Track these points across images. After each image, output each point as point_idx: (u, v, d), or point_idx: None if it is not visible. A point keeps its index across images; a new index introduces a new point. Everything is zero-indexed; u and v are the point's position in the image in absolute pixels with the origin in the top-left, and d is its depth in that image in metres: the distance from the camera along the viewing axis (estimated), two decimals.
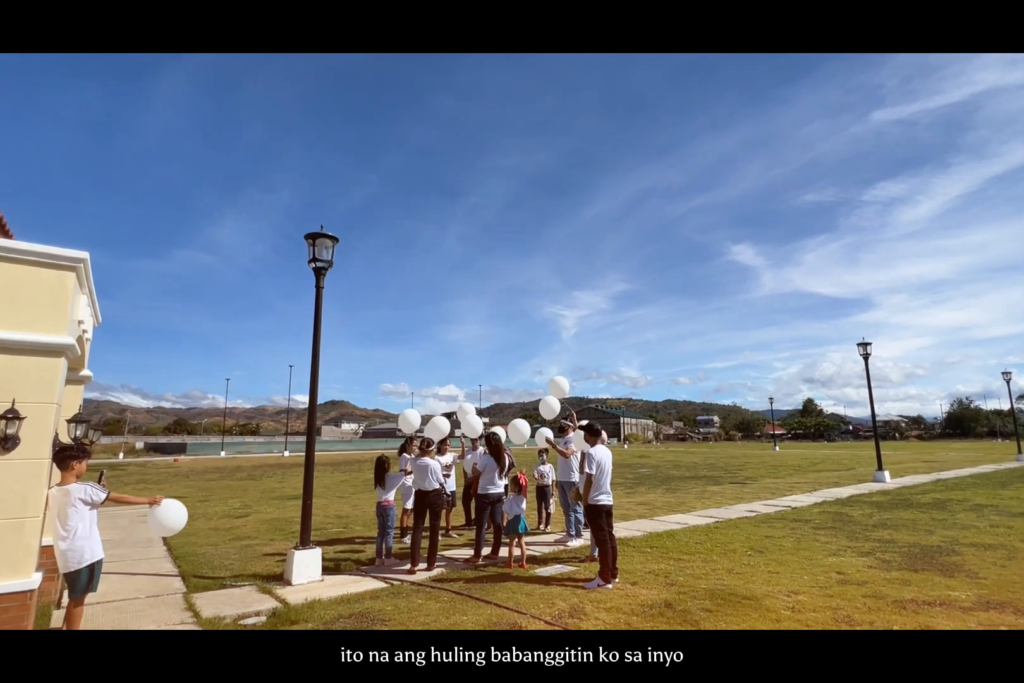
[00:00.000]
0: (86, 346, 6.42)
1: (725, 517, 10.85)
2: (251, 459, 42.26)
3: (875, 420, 20.95)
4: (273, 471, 27.40)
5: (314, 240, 7.24)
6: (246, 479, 22.80)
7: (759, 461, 32.17)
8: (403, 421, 9.41)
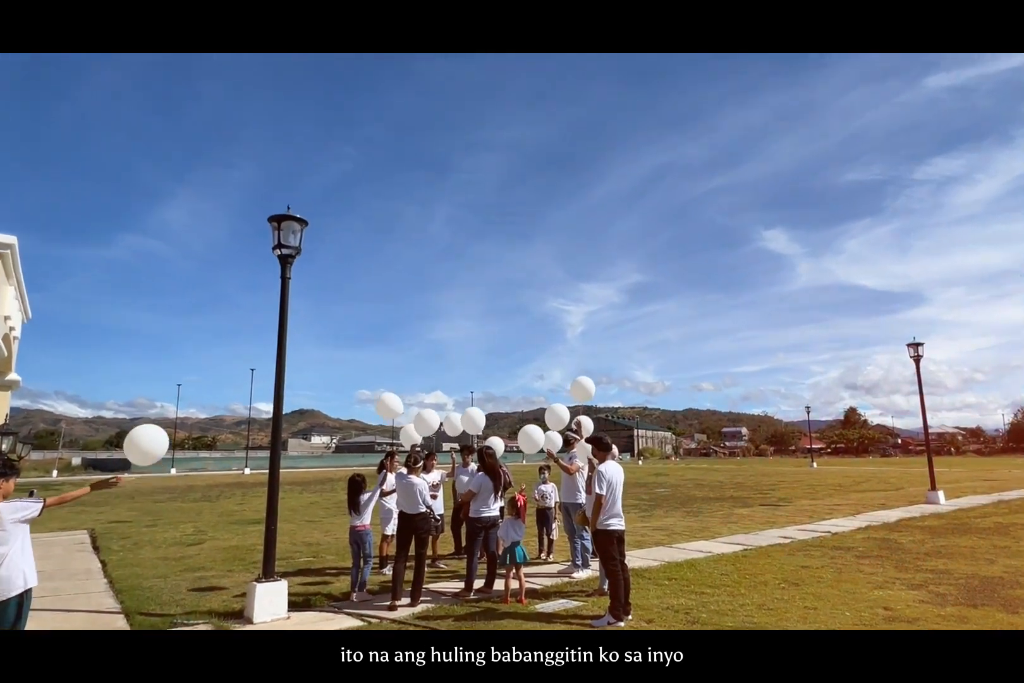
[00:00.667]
0: (13, 345, 6.39)
1: (755, 544, 10.87)
2: (206, 477, 42.22)
3: (927, 432, 21.00)
4: (232, 491, 27.36)
5: (279, 223, 7.21)
6: (200, 500, 22.77)
7: (794, 480, 32.24)
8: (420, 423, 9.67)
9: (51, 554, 10.90)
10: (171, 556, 10.64)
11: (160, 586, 8.21)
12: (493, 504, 7.78)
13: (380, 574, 8.78)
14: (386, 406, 9.83)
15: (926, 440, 21.29)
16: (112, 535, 13.27)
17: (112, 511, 18.94)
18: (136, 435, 6.14)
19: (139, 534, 13.47)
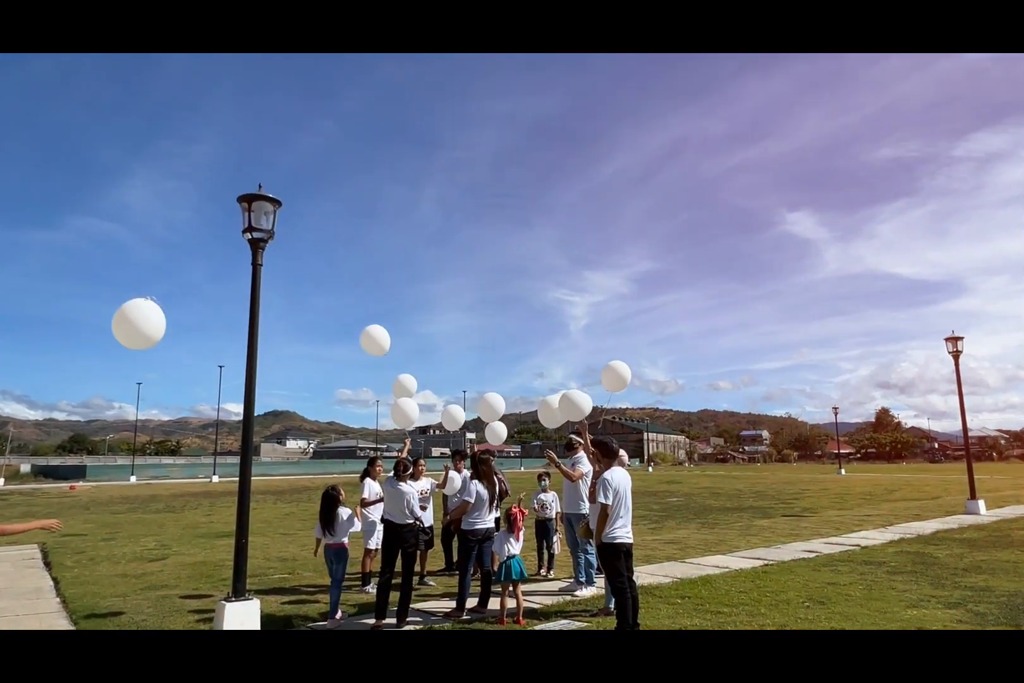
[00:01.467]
0: None
1: (777, 559, 10.91)
2: (170, 486, 42.22)
3: (967, 436, 21.06)
4: (198, 501, 27.39)
5: (250, 204, 7.17)
6: (164, 511, 22.80)
7: (820, 488, 32.37)
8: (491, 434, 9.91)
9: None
10: (131, 573, 10.65)
11: (119, 606, 8.22)
12: (488, 515, 7.78)
13: (362, 592, 8.80)
14: (402, 412, 9.89)
15: (966, 444, 21.35)
16: (65, 550, 13.26)
17: (65, 523, 18.82)
18: (129, 310, 5.84)
19: (95, 549, 13.47)
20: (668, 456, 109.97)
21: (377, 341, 10.07)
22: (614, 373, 9.01)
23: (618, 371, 8.98)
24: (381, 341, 10.16)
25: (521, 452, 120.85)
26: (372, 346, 10.08)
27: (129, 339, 6.13)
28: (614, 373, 9.01)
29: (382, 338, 10.11)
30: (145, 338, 5.92)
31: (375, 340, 10.02)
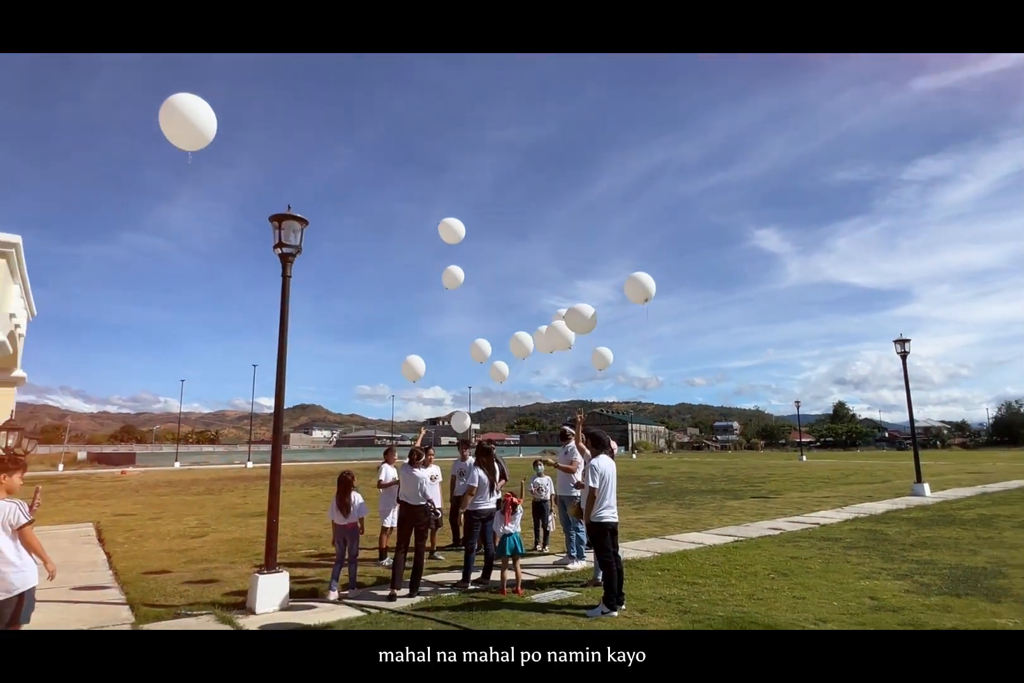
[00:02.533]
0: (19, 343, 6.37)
1: (745, 536, 10.91)
2: (209, 471, 42.20)
3: (914, 427, 21.08)
4: (235, 484, 27.35)
5: (280, 223, 7.19)
6: (204, 494, 22.75)
7: (784, 472, 32.36)
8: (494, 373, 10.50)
9: (57, 546, 10.87)
10: (175, 548, 10.64)
11: (164, 578, 8.21)
12: (490, 497, 7.79)
13: (380, 566, 8.80)
14: (411, 368, 10.30)
15: (912, 434, 21.37)
16: (117, 528, 13.26)
17: (117, 504, 18.91)
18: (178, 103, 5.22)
19: (143, 527, 13.46)
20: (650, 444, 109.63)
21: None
22: (638, 284, 8.20)
23: (642, 282, 8.18)
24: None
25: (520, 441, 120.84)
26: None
27: (182, 138, 5.48)
28: (638, 284, 8.20)
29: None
30: (200, 136, 5.26)
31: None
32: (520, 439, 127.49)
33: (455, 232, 9.90)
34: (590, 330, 8.87)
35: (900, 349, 20.33)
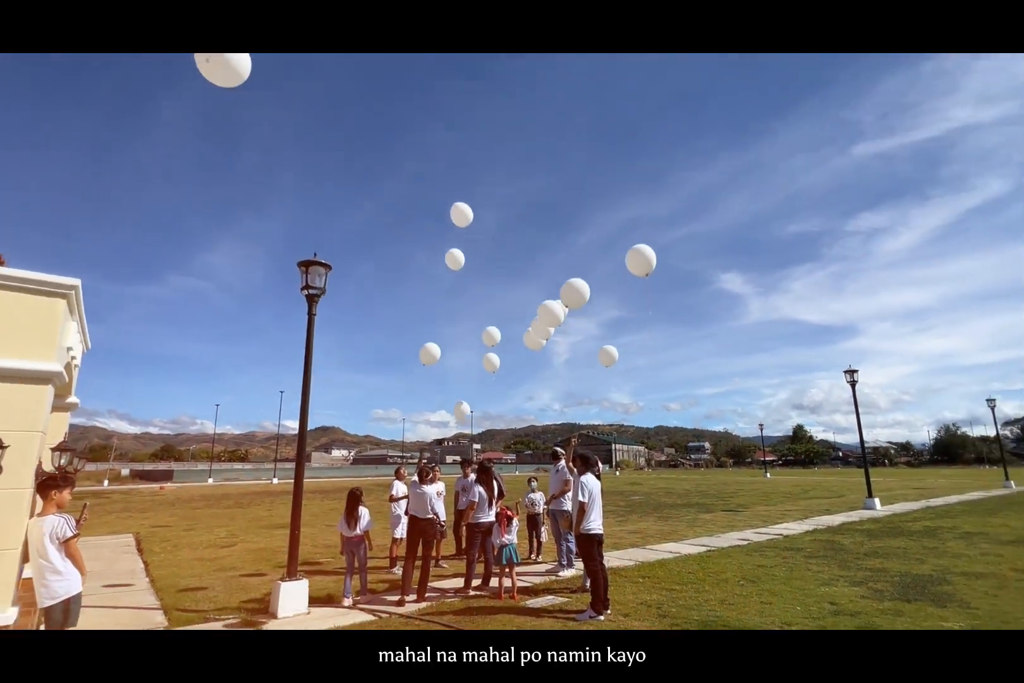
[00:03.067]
0: (74, 372, 6.35)
1: (717, 546, 10.72)
2: (239, 486, 41.54)
3: (864, 447, 20.96)
4: (261, 499, 26.90)
5: (307, 267, 7.25)
6: (233, 507, 22.35)
7: (751, 488, 31.97)
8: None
9: (100, 556, 10.64)
10: (206, 557, 10.41)
11: (195, 584, 8.02)
12: (489, 511, 7.68)
13: (390, 574, 8.61)
14: (428, 353, 10.28)
15: (863, 454, 21.22)
16: (154, 538, 12.99)
17: (155, 517, 18.56)
18: None
19: (178, 537, 13.19)
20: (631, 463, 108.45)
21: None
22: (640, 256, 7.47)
23: (644, 254, 7.44)
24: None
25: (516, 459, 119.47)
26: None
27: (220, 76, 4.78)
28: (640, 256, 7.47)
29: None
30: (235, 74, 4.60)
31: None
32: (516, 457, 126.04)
33: (464, 215, 9.64)
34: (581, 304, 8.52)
35: (849, 378, 20.41)
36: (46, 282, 4.37)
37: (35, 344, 4.27)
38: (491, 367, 10.85)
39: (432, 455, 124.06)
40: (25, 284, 4.29)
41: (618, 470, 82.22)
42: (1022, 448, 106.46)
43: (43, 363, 4.25)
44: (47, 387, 4.36)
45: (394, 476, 9.27)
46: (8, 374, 4.10)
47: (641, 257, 7.43)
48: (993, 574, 7.92)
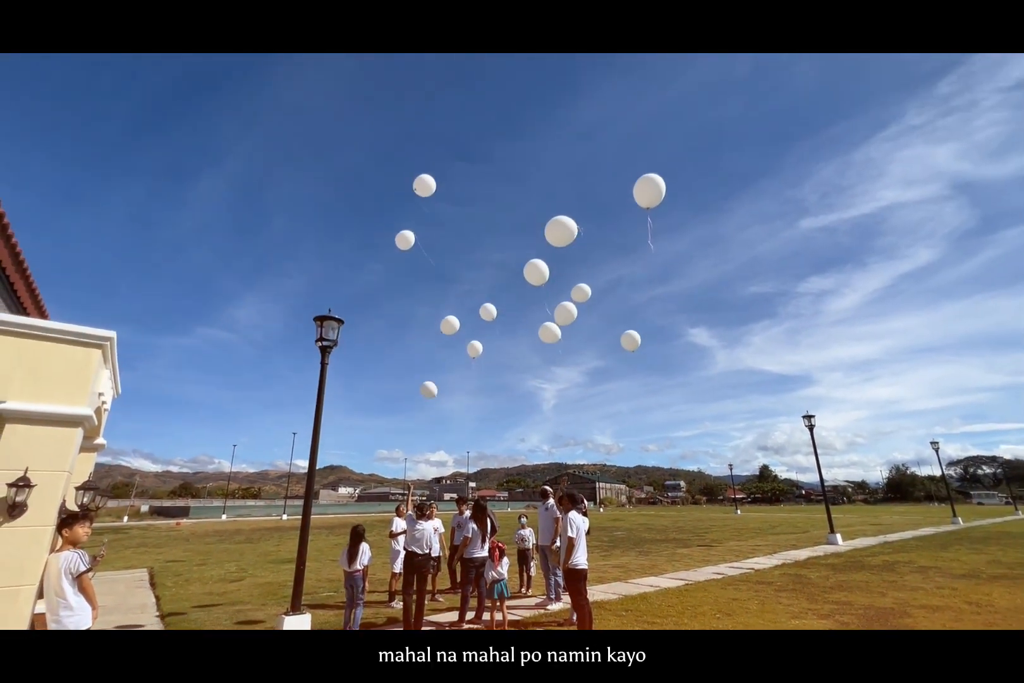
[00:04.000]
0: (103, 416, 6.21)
1: (694, 580, 10.30)
2: (251, 522, 39.99)
3: (824, 487, 20.60)
4: (271, 534, 25.85)
5: (322, 322, 7.27)
6: (244, 542, 21.42)
7: (723, 524, 31.12)
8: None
9: (114, 590, 10.07)
10: (215, 591, 9.87)
11: (203, 618, 7.56)
12: (483, 547, 7.39)
13: (389, 607, 8.18)
14: (427, 390, 10.38)
15: (823, 493, 20.83)
16: (168, 573, 12.35)
17: (170, 552, 17.73)
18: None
19: (190, 572, 12.55)
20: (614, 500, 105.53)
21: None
22: (650, 184, 6.45)
23: (656, 182, 6.40)
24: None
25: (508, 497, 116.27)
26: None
27: None
28: (650, 184, 6.45)
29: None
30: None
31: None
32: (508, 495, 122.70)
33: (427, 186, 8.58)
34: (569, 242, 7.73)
35: (807, 423, 20.30)
36: (84, 334, 4.34)
37: (70, 390, 4.19)
38: (474, 352, 10.72)
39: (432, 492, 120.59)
40: (65, 335, 4.26)
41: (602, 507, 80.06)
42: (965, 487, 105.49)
43: (75, 408, 4.15)
44: (77, 430, 4.24)
45: (395, 513, 8.95)
46: (43, 418, 4.01)
47: (650, 185, 6.38)
48: (949, 607, 7.62)
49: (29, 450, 3.92)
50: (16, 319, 4.13)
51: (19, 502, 3.74)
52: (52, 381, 4.14)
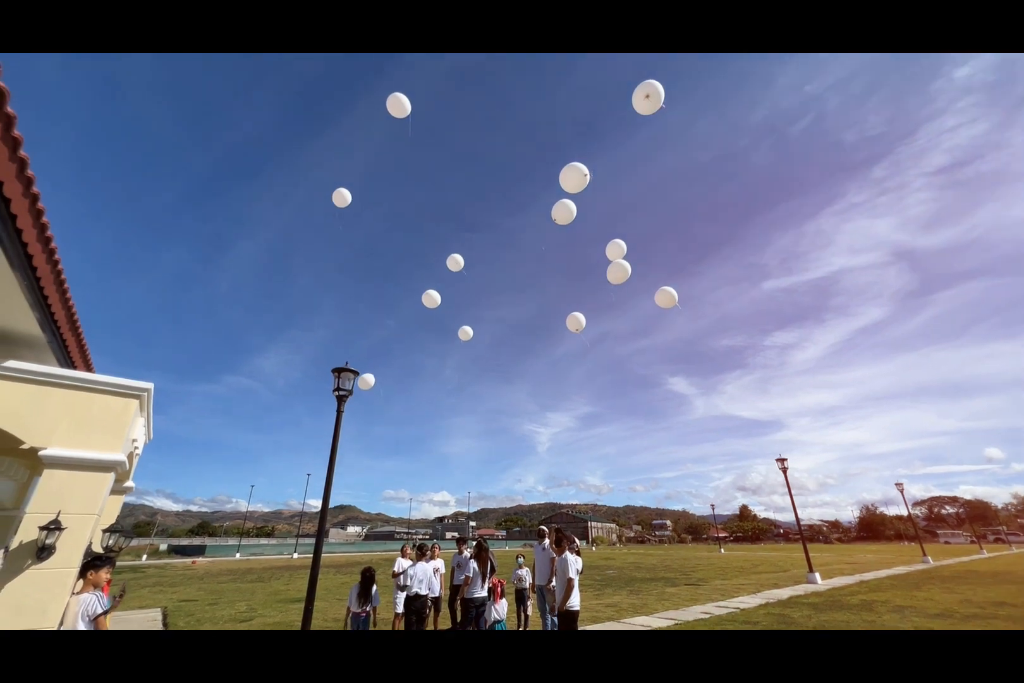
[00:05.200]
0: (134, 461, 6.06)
1: (683, 619, 9.70)
2: (263, 561, 38.02)
3: (800, 527, 19.87)
4: (281, 573, 24.51)
5: (339, 373, 7.25)
6: (255, 581, 20.26)
7: (708, 563, 29.69)
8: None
9: None
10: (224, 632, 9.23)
11: None
12: (482, 587, 7.01)
13: None
14: (431, 298, 9.89)
15: (800, 533, 20.03)
16: (180, 613, 11.60)
17: (184, 591, 16.73)
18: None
19: (202, 612, 11.80)
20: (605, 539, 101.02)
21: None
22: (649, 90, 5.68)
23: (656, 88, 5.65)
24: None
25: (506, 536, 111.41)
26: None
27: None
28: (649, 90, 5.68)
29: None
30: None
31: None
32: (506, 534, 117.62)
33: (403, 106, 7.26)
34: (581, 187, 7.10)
35: (780, 465, 19.87)
36: (125, 386, 4.32)
37: (107, 437, 4.12)
38: (465, 336, 10.50)
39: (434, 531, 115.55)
40: (108, 387, 4.23)
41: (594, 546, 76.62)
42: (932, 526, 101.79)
43: (110, 454, 4.07)
44: (110, 474, 4.13)
45: (400, 553, 8.54)
46: (78, 463, 3.91)
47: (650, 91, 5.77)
48: None
49: (63, 494, 3.80)
50: (65, 372, 4.11)
51: (48, 545, 3.57)
52: (91, 429, 4.07)
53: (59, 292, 3.64)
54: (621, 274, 8.18)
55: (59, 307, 3.74)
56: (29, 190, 2.90)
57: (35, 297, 3.47)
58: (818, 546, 66.32)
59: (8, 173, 2.69)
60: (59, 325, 3.88)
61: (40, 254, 3.19)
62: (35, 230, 3.08)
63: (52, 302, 3.61)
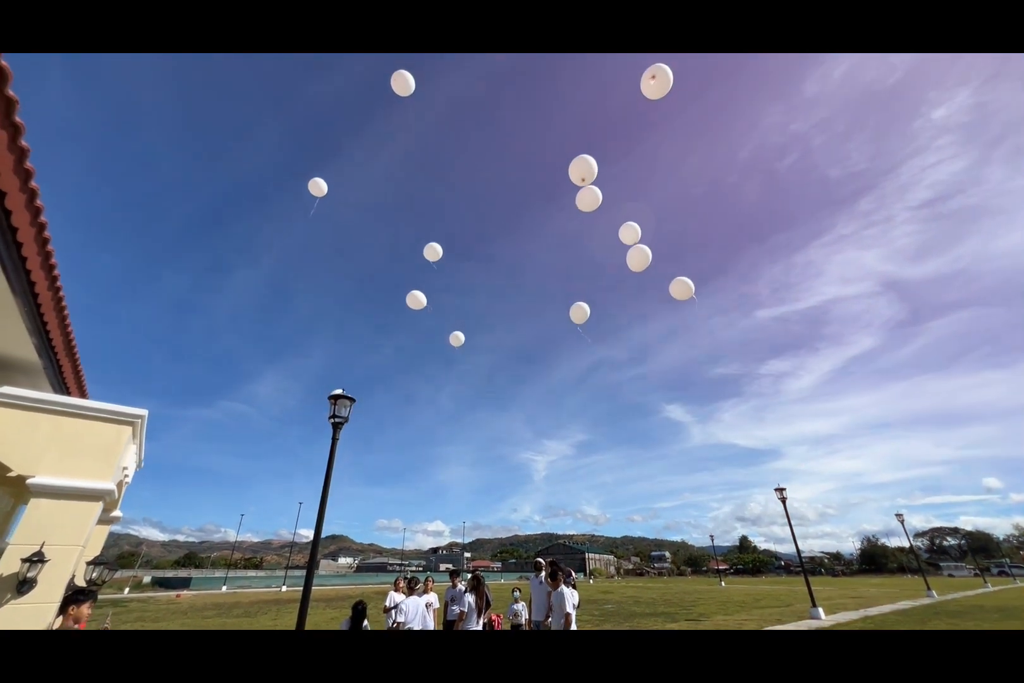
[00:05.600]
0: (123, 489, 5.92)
1: None
2: (250, 594, 36.62)
3: (802, 560, 19.39)
4: (269, 607, 23.58)
5: (335, 400, 7.19)
6: (242, 616, 19.46)
7: (709, 597, 28.80)
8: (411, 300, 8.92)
9: None
10: None
11: None
12: (478, 622, 6.76)
13: None
14: (415, 299, 9.42)
15: (802, 566, 19.53)
16: None
17: (166, 626, 16.03)
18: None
19: None
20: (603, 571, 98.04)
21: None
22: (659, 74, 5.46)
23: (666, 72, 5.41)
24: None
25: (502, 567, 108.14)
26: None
27: None
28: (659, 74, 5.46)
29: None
30: None
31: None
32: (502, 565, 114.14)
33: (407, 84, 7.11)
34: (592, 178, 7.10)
35: (779, 495, 19.56)
36: (118, 412, 4.26)
37: (97, 465, 4.03)
38: (457, 342, 10.28)
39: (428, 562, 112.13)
40: (100, 413, 4.17)
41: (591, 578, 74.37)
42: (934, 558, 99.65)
43: (99, 483, 3.97)
44: (98, 504, 4.02)
45: (392, 586, 8.26)
46: (66, 492, 3.81)
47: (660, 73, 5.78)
48: None
49: (49, 524, 3.69)
50: (57, 398, 4.06)
51: (30, 578, 3.44)
52: (82, 456, 3.99)
53: (59, 319, 3.64)
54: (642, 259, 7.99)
55: (57, 334, 3.73)
56: (36, 219, 2.95)
57: (34, 323, 3.47)
58: (823, 579, 64.59)
59: (17, 204, 2.74)
60: (56, 351, 3.86)
61: (43, 281, 3.21)
62: (40, 257, 3.10)
63: (51, 328, 3.61)
